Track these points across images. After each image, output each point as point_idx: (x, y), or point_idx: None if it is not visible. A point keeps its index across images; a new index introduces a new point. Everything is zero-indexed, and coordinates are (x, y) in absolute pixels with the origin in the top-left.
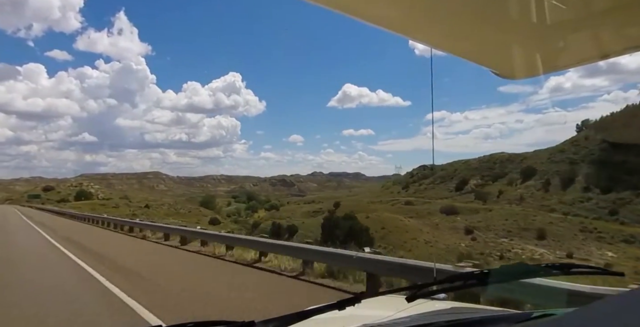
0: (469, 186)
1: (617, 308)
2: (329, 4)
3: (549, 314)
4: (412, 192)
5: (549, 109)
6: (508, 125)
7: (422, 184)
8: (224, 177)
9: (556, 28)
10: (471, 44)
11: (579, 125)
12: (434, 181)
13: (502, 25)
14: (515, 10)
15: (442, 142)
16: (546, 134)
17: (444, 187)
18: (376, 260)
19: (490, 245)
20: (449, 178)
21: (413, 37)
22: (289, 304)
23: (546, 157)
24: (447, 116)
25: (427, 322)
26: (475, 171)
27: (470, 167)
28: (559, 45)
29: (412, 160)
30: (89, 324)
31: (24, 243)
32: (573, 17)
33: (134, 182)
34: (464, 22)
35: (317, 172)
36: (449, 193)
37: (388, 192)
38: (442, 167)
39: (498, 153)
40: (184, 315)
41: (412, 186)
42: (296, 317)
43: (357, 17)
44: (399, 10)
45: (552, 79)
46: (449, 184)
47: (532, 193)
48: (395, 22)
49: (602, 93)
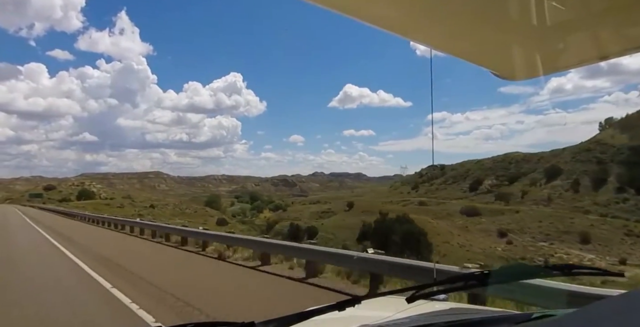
0: (483, 186)
1: (617, 309)
2: (328, 4)
3: (549, 315)
4: (422, 192)
5: (549, 110)
6: (509, 126)
7: (433, 184)
8: (225, 177)
9: (556, 29)
10: (471, 44)
11: (602, 124)
12: (446, 181)
13: (501, 26)
14: (514, 11)
15: (442, 142)
16: (547, 135)
17: (456, 188)
18: (380, 260)
19: (530, 249)
20: (461, 178)
21: (413, 38)
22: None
23: (570, 156)
24: (447, 117)
25: (427, 323)
26: (489, 171)
27: (484, 167)
28: (558, 46)
29: (414, 160)
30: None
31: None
32: (573, 18)
33: (135, 182)
34: (463, 23)
35: (318, 173)
36: (462, 193)
37: (397, 192)
38: (452, 167)
39: (512, 153)
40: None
41: (422, 186)
42: (296, 318)
43: (356, 18)
44: (399, 10)
45: (554, 80)
46: (461, 184)
47: (560, 194)
48: (394, 23)
49: (602, 94)
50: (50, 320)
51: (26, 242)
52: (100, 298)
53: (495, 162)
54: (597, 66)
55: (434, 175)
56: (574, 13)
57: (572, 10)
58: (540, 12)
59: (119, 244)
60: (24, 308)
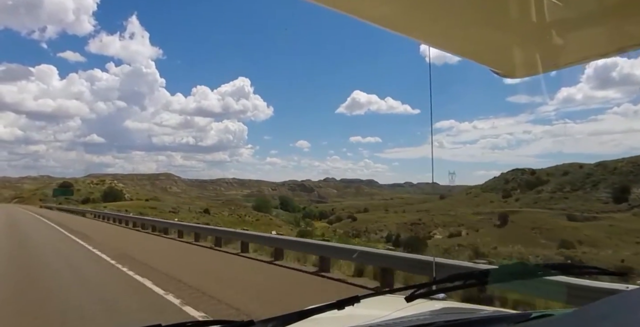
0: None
1: (616, 309)
2: (330, 3)
3: (548, 315)
4: (529, 201)
5: (558, 120)
6: (516, 135)
7: (541, 192)
8: (235, 181)
9: (556, 26)
10: (470, 42)
11: None
12: (561, 188)
13: (501, 23)
14: (514, 9)
15: (449, 151)
16: (553, 145)
17: (585, 196)
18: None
19: None
20: (579, 184)
21: (413, 36)
22: None
23: None
24: (455, 125)
25: (426, 322)
26: (624, 176)
27: (610, 171)
28: (559, 44)
29: (419, 168)
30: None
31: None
32: (572, 15)
33: (146, 183)
34: (463, 21)
35: (329, 178)
36: (604, 205)
37: (478, 200)
38: (547, 170)
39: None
40: None
41: (514, 193)
42: (295, 316)
43: (357, 16)
44: (398, 8)
45: (564, 90)
46: (591, 192)
47: None
48: (393, 21)
49: (611, 106)
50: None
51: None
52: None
53: (635, 165)
54: (609, 76)
55: (527, 181)
56: (574, 10)
57: (571, 7)
58: (539, 9)
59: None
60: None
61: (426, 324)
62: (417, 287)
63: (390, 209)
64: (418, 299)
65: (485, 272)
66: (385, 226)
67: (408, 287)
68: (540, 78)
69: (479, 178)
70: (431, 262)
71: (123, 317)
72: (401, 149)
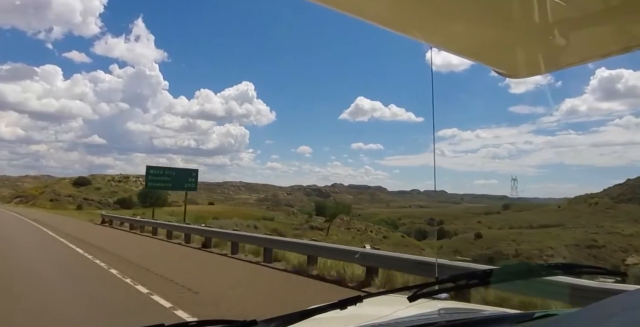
0: None
1: (619, 309)
2: (331, 3)
3: (551, 314)
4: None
5: (560, 131)
6: (517, 145)
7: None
8: (243, 184)
9: (558, 26)
10: (472, 42)
11: None
12: None
13: (503, 23)
14: (516, 9)
15: (450, 159)
16: (554, 156)
17: None
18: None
19: None
20: None
21: (416, 36)
22: None
23: None
24: (458, 134)
25: (428, 322)
26: None
27: None
28: (562, 44)
29: (421, 176)
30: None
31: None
32: (574, 15)
33: None
34: (465, 21)
35: (337, 184)
36: None
37: (614, 212)
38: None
39: None
40: None
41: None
42: (298, 316)
43: (358, 16)
44: (400, 8)
45: (567, 101)
46: None
47: None
48: (396, 21)
49: (613, 118)
50: None
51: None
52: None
53: None
54: (615, 88)
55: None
56: (577, 10)
57: (573, 7)
58: (542, 9)
59: None
60: None
61: (429, 324)
62: (419, 287)
63: (496, 224)
64: (420, 298)
65: (487, 273)
66: (553, 249)
67: (410, 287)
68: (545, 89)
69: (479, 187)
70: (433, 263)
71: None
72: (401, 157)
